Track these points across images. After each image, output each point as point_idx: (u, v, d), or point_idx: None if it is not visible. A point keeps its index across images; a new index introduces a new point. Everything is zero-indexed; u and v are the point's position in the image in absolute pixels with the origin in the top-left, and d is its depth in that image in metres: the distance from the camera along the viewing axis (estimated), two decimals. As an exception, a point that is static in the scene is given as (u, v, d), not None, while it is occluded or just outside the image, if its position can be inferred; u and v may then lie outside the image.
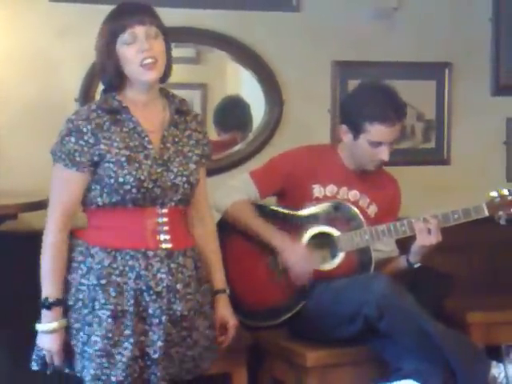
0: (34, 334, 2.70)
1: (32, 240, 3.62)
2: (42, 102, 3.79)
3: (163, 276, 2.66)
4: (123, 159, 2.63)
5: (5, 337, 3.50)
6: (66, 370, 2.72)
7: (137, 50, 2.62)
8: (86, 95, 3.82)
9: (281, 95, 4.12)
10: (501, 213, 3.38)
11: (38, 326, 2.66)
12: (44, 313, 2.65)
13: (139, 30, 2.62)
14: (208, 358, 2.80)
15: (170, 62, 2.72)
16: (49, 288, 2.65)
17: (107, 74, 2.69)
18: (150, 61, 2.63)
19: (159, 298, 2.65)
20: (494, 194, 3.39)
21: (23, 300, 3.53)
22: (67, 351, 2.69)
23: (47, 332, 2.65)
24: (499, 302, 3.97)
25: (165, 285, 2.66)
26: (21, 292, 3.55)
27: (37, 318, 2.69)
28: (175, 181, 2.69)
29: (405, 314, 3.17)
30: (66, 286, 2.67)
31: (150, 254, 2.67)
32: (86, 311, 2.64)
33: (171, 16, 3.61)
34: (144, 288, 2.65)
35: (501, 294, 4.11)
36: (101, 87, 3.74)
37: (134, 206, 2.66)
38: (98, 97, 3.76)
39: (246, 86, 4.19)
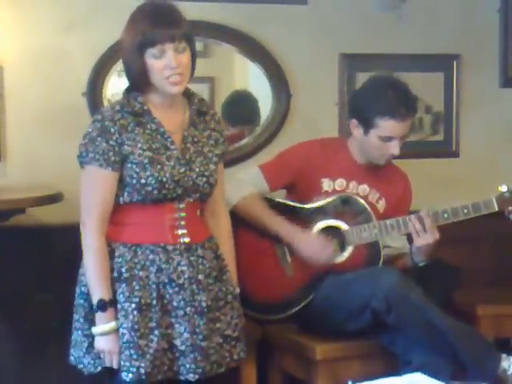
0: (41, 327, 2.71)
1: (39, 234, 3.64)
2: (50, 97, 3.79)
3: (184, 268, 2.70)
4: (146, 161, 2.67)
5: (13, 330, 3.50)
6: (99, 369, 2.71)
7: (165, 65, 2.65)
8: (93, 89, 3.81)
9: (288, 88, 4.11)
10: (511, 208, 3.35)
11: (95, 330, 2.67)
12: (99, 315, 2.66)
13: (168, 47, 2.64)
14: (240, 348, 2.80)
15: (193, 67, 2.75)
16: (100, 291, 2.66)
17: (133, 76, 2.70)
18: (176, 78, 2.66)
19: (182, 290, 2.69)
20: (503, 188, 3.37)
21: (30, 293, 3.55)
22: (94, 348, 2.70)
23: (106, 333, 2.66)
24: (508, 295, 3.96)
25: (186, 277, 2.70)
26: (28, 285, 3.57)
27: (44, 311, 2.69)
28: (196, 180, 2.73)
29: (413, 308, 3.16)
30: None
31: (170, 247, 2.71)
32: None
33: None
34: (166, 281, 2.69)
35: (510, 287, 4.10)
36: (109, 81, 3.81)
37: (152, 203, 2.70)
38: (105, 91, 3.82)
39: (254, 80, 4.19)
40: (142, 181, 2.66)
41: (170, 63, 2.64)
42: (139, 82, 2.70)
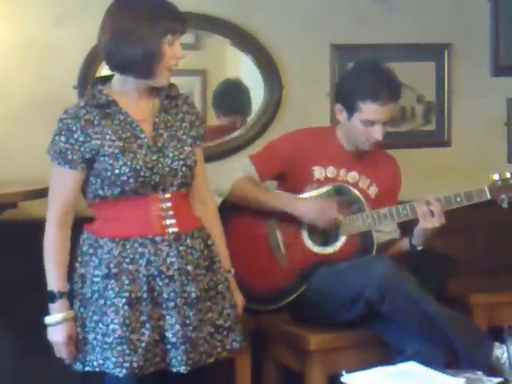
0: (35, 323, 2.72)
1: (32, 228, 3.62)
2: (40, 90, 3.78)
3: (173, 259, 2.70)
4: (117, 151, 2.67)
5: (6, 326, 3.50)
6: (87, 368, 2.72)
7: (173, 54, 2.67)
8: (84, 83, 3.80)
9: (280, 79, 4.10)
10: (503, 196, 3.36)
11: (45, 319, 2.71)
12: (50, 306, 2.70)
13: (178, 39, 2.69)
14: (232, 338, 2.79)
15: None
16: (52, 282, 2.70)
17: (149, 61, 2.65)
18: (173, 69, 2.71)
19: (172, 282, 2.69)
20: (496, 177, 3.38)
21: (24, 289, 3.54)
22: (84, 347, 2.71)
23: (53, 324, 2.69)
24: (502, 284, 3.98)
25: (176, 268, 2.70)
26: (21, 281, 3.56)
27: (37, 306, 2.70)
28: (172, 165, 2.72)
29: (407, 297, 3.16)
30: (81, 279, 2.72)
31: (158, 239, 2.70)
32: (102, 302, 2.68)
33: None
34: (156, 273, 2.69)
35: (503, 276, 4.12)
36: (100, 74, 3.79)
37: (135, 195, 2.69)
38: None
39: (246, 71, 4.18)
40: (116, 171, 2.66)
41: (178, 53, 2.67)
42: (150, 67, 2.66)
